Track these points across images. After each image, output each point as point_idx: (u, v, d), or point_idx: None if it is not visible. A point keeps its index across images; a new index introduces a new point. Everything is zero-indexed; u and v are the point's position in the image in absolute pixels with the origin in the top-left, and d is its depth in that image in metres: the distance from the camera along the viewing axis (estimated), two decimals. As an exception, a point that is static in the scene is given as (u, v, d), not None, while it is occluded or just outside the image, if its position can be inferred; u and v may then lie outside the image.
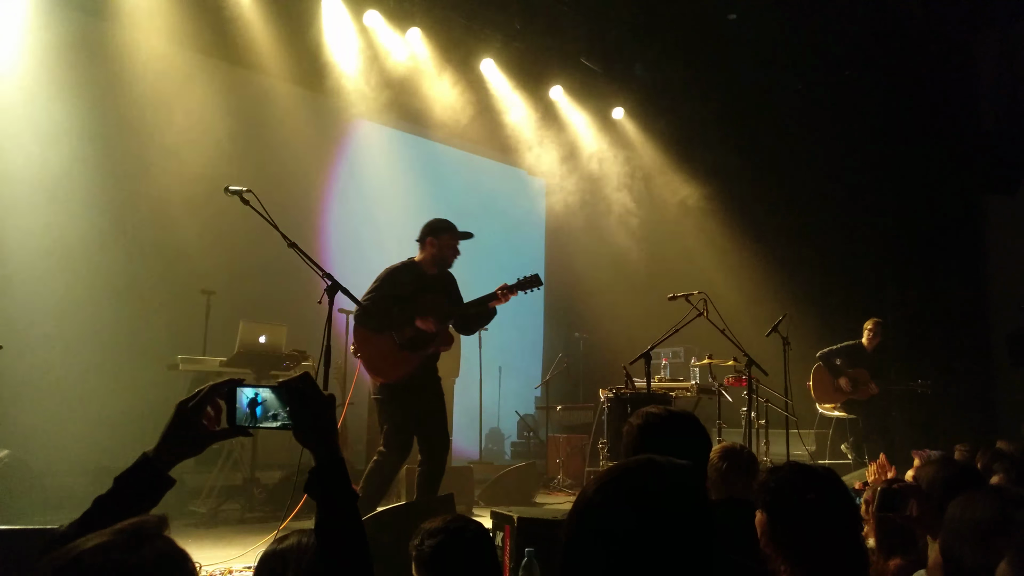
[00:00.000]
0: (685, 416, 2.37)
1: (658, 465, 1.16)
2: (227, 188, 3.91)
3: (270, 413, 1.52)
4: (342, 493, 1.46)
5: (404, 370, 4.55)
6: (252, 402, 1.52)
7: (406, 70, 8.32)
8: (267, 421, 1.53)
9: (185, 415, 1.50)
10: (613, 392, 6.41)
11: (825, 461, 7.26)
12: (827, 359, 7.43)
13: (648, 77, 9.61)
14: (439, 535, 2.07)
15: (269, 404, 1.52)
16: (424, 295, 4.63)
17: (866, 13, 8.16)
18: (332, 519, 1.44)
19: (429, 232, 4.72)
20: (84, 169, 6.71)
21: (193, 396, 1.52)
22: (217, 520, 5.63)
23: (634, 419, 2.32)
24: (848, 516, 1.77)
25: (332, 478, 1.46)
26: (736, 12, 8.46)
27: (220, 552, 4.46)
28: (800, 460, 6.46)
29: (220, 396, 1.53)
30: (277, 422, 1.52)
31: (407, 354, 4.56)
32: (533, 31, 8.62)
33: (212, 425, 1.53)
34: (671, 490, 1.12)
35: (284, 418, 1.51)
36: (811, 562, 1.70)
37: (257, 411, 1.53)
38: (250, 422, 1.53)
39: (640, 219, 10.24)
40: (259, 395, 1.52)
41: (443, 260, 4.73)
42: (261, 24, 7.40)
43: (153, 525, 1.11)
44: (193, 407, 1.50)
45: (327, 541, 1.43)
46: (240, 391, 1.52)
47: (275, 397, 1.52)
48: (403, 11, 8.06)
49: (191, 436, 1.50)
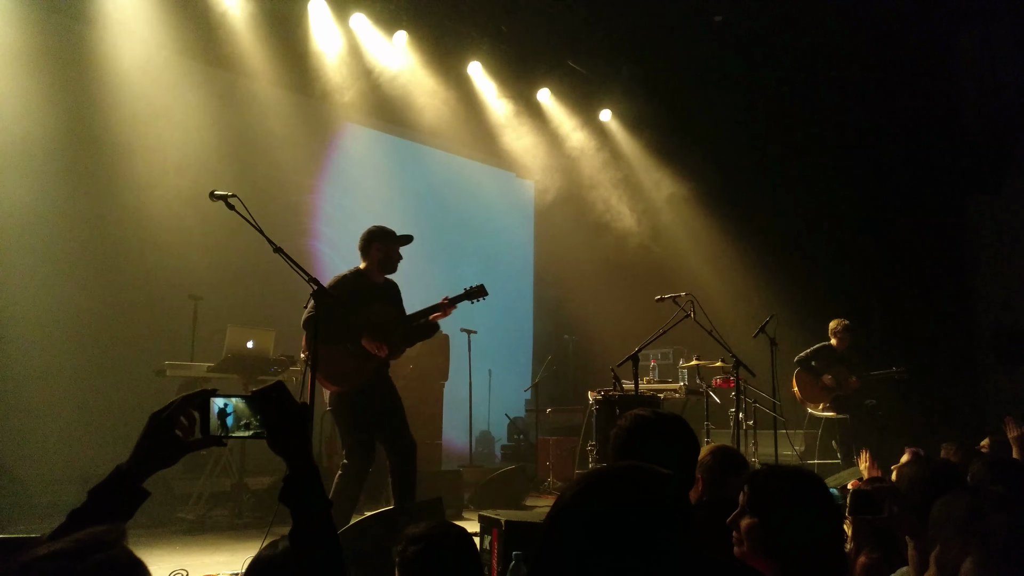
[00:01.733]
0: (673, 418, 2.37)
1: (639, 471, 1.17)
2: (213, 193, 3.89)
3: (242, 422, 1.53)
4: (316, 501, 1.46)
5: (361, 377, 4.56)
6: (224, 412, 1.53)
7: (393, 73, 8.31)
8: (240, 430, 1.53)
9: (158, 426, 1.49)
10: (602, 394, 6.41)
11: (815, 461, 7.30)
12: (804, 363, 7.50)
13: (635, 79, 9.64)
14: (422, 541, 2.07)
15: (241, 413, 1.53)
16: (372, 304, 4.67)
17: (849, 14, 8.22)
18: (306, 527, 1.44)
19: (373, 239, 4.78)
20: (69, 175, 6.67)
21: (166, 407, 1.51)
22: (205, 527, 5.59)
23: (622, 421, 2.33)
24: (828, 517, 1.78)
25: (306, 486, 1.46)
26: (722, 14, 8.51)
27: (208, 558, 4.44)
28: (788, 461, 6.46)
29: (193, 406, 1.53)
30: (250, 431, 1.53)
31: (361, 361, 4.56)
32: (520, 34, 8.63)
33: (186, 435, 1.53)
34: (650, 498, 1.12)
35: (257, 427, 1.52)
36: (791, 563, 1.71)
37: (229, 420, 1.53)
38: (224, 431, 1.53)
39: (628, 221, 10.26)
40: (231, 405, 1.53)
41: (389, 266, 4.80)
42: (247, 27, 7.37)
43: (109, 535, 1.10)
44: (166, 418, 1.50)
45: (302, 549, 1.43)
46: (213, 401, 1.53)
47: (247, 406, 1.53)
48: (389, 14, 8.05)
49: (165, 447, 1.50)
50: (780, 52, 8.94)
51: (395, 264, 4.83)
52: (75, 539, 1.08)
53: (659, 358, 8.78)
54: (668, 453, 2.16)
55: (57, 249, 6.55)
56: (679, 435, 2.27)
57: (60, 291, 6.45)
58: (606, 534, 1.08)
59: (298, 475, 1.47)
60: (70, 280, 6.53)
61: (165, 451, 1.50)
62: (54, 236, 6.55)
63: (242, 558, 4.00)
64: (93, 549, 1.06)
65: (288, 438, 1.49)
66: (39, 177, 6.49)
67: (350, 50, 8.06)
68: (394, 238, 4.80)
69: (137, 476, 1.47)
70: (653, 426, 2.27)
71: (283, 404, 1.51)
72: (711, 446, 3.07)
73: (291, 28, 7.67)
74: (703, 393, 6.97)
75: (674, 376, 7.77)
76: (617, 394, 6.28)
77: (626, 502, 1.11)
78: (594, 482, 1.16)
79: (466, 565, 2.14)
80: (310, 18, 7.77)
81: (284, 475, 1.48)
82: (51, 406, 6.18)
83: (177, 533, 5.40)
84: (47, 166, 6.52)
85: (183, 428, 1.52)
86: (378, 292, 4.78)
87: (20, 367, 6.11)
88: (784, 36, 8.68)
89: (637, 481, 1.15)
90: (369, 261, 4.78)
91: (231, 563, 4.20)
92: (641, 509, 1.10)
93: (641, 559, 1.08)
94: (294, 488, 1.46)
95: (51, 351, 6.41)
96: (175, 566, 3.83)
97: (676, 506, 1.15)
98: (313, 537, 1.44)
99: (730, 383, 6.44)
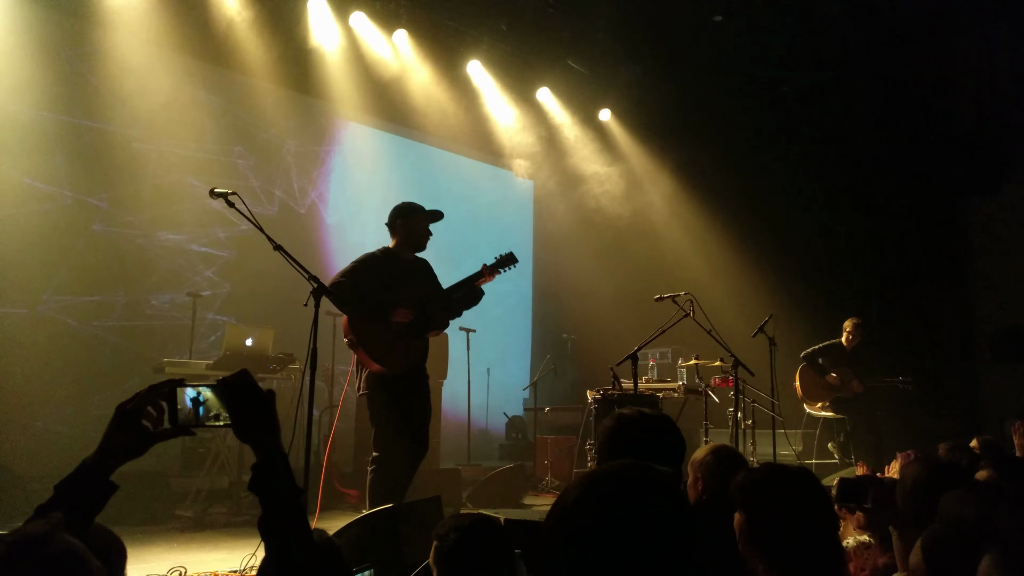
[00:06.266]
0: (659, 417, 2.38)
1: (639, 470, 1.16)
2: (213, 190, 3.88)
3: (212, 413, 1.52)
4: (285, 488, 1.45)
5: (402, 362, 4.42)
6: (195, 401, 1.52)
7: (393, 72, 8.31)
8: (210, 420, 1.52)
9: (125, 417, 1.49)
10: (600, 393, 6.41)
11: (812, 461, 7.31)
12: (811, 359, 7.49)
13: (635, 79, 9.64)
14: (462, 531, 2.12)
15: (211, 403, 1.52)
16: (412, 285, 4.55)
17: (848, 15, 8.22)
18: (275, 515, 1.43)
19: (399, 215, 4.66)
20: (70, 170, 6.66)
21: (132, 398, 1.51)
22: (203, 524, 5.58)
23: (608, 421, 2.34)
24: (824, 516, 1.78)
25: (273, 474, 1.46)
26: (721, 14, 8.51)
27: (206, 556, 4.43)
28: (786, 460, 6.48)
29: (160, 397, 1.52)
30: (220, 421, 1.52)
31: (406, 341, 4.46)
32: (520, 33, 8.63)
33: (155, 426, 1.52)
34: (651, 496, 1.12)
35: (227, 417, 1.51)
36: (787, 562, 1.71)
37: (200, 410, 1.52)
38: (196, 422, 1.52)
39: (627, 220, 10.27)
40: (200, 394, 1.52)
41: (416, 242, 4.66)
42: (246, 26, 7.37)
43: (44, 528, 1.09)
44: (132, 409, 1.49)
45: (271, 537, 1.42)
46: (184, 391, 1.52)
47: (215, 396, 1.52)
48: (389, 13, 8.06)
49: (132, 439, 1.49)
50: (779, 52, 8.95)
51: (422, 240, 4.67)
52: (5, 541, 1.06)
53: (658, 357, 8.79)
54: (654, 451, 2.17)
55: (56, 245, 6.54)
56: (665, 433, 2.27)
57: (58, 287, 6.45)
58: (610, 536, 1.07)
59: (265, 463, 1.46)
60: (69, 275, 6.52)
61: (132, 442, 1.49)
62: (53, 232, 6.55)
63: (240, 555, 4.00)
64: (29, 546, 1.05)
65: (254, 426, 1.49)
66: (38, 174, 6.49)
67: (350, 49, 8.06)
68: (422, 213, 4.66)
69: (104, 469, 1.46)
70: (638, 425, 2.27)
71: (248, 392, 1.50)
72: (711, 445, 3.06)
73: (291, 27, 7.67)
74: (702, 392, 6.97)
75: (673, 375, 7.77)
76: (616, 393, 6.28)
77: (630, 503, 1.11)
78: (597, 480, 1.16)
79: (502, 557, 2.19)
80: (310, 17, 7.77)
81: (252, 464, 1.47)
82: (50, 403, 6.18)
83: (175, 531, 5.39)
84: (47, 164, 6.52)
85: (151, 418, 1.51)
86: (408, 269, 4.63)
87: (20, 364, 6.10)
88: (783, 36, 8.69)
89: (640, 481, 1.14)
90: (397, 238, 4.66)
91: (229, 560, 4.19)
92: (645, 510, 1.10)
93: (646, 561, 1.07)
94: (261, 476, 1.45)
95: (50, 348, 6.41)
96: (173, 563, 3.84)
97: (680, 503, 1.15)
98: (282, 525, 1.43)
99: (729, 383, 6.44)
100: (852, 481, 2.40)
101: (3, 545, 1.05)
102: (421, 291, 4.56)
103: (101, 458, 1.46)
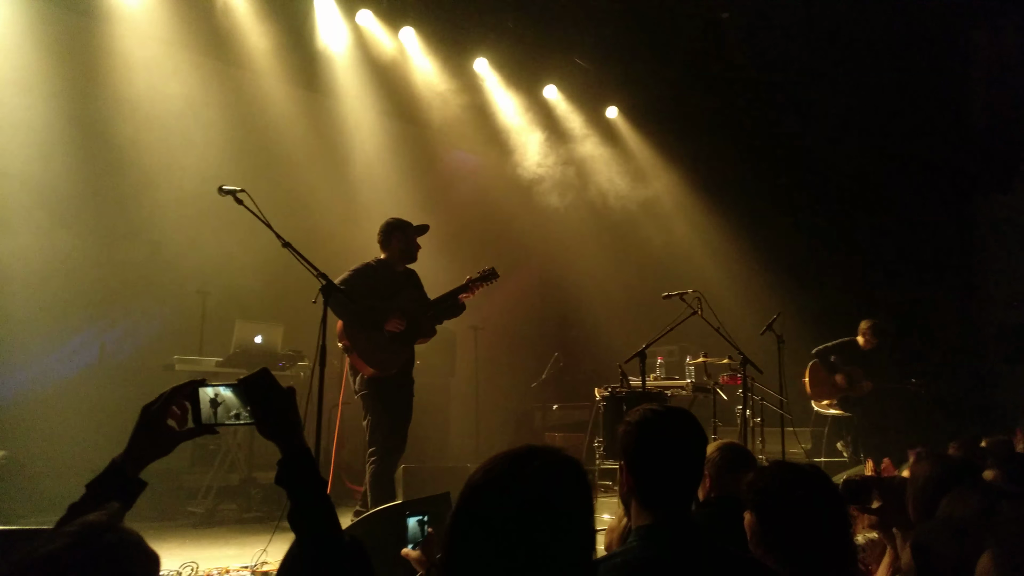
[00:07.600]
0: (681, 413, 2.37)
1: (539, 452, 1.28)
2: (221, 188, 3.91)
3: (232, 411, 1.57)
4: (311, 482, 1.50)
5: (393, 365, 4.80)
6: (216, 400, 1.57)
7: (399, 69, 8.32)
8: (230, 419, 1.58)
9: (150, 418, 1.53)
10: (609, 391, 6.41)
11: (821, 459, 7.28)
12: (823, 356, 7.45)
13: (641, 76, 9.61)
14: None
15: (230, 402, 1.57)
16: (403, 293, 4.96)
17: (858, 11, 8.18)
18: (303, 508, 1.47)
19: (394, 230, 5.03)
20: (78, 169, 6.68)
21: (157, 399, 1.55)
22: (214, 520, 5.62)
23: (631, 416, 2.32)
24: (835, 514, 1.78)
25: (299, 468, 1.50)
26: (729, 11, 8.48)
27: (218, 552, 4.47)
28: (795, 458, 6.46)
29: (184, 397, 1.57)
30: (241, 419, 1.57)
31: (399, 346, 4.83)
32: (526, 30, 8.62)
33: (180, 425, 1.57)
34: (551, 477, 1.24)
35: (247, 415, 1.56)
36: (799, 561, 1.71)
37: (218, 410, 1.57)
38: (215, 420, 1.57)
39: (635, 217, 10.25)
40: (218, 394, 1.57)
41: (410, 255, 5.05)
42: (253, 23, 7.39)
43: (106, 517, 1.15)
44: (157, 409, 1.54)
45: (301, 530, 1.47)
46: (203, 390, 1.57)
47: (235, 395, 1.57)
48: (396, 10, 8.06)
49: (158, 438, 1.53)
50: (788, 48, 8.91)
51: (415, 253, 5.08)
52: (68, 532, 1.11)
53: (666, 355, 8.76)
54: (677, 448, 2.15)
55: (67, 243, 6.57)
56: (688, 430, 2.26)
57: (70, 285, 6.48)
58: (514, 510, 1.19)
59: (290, 458, 1.50)
60: (80, 273, 6.55)
61: (159, 441, 1.53)
62: (64, 230, 6.57)
63: (251, 551, 4.03)
64: (94, 534, 1.10)
65: (276, 423, 1.53)
66: (46, 174, 6.51)
67: (356, 46, 8.07)
68: (412, 228, 5.04)
69: (133, 467, 1.51)
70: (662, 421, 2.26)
71: (269, 390, 1.55)
72: (718, 443, 3.06)
73: (298, 24, 7.68)
74: (710, 390, 6.95)
75: (681, 373, 7.75)
76: (624, 391, 6.29)
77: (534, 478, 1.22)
78: (500, 463, 1.27)
79: None
80: (316, 14, 7.78)
81: (278, 459, 1.51)
82: (61, 400, 6.21)
83: (186, 527, 5.43)
84: (53, 163, 6.54)
85: (176, 418, 1.56)
86: (401, 280, 5.03)
87: (31, 363, 6.14)
88: (792, 32, 8.64)
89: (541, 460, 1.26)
90: (390, 252, 5.02)
91: (240, 556, 4.22)
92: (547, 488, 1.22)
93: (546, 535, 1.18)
94: (288, 470, 1.50)
95: (61, 345, 6.45)
96: (185, 559, 3.87)
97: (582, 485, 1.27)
98: (311, 517, 1.47)
99: (737, 380, 6.43)
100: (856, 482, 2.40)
101: (69, 536, 1.11)
102: (410, 301, 4.96)
103: (130, 457, 1.51)
